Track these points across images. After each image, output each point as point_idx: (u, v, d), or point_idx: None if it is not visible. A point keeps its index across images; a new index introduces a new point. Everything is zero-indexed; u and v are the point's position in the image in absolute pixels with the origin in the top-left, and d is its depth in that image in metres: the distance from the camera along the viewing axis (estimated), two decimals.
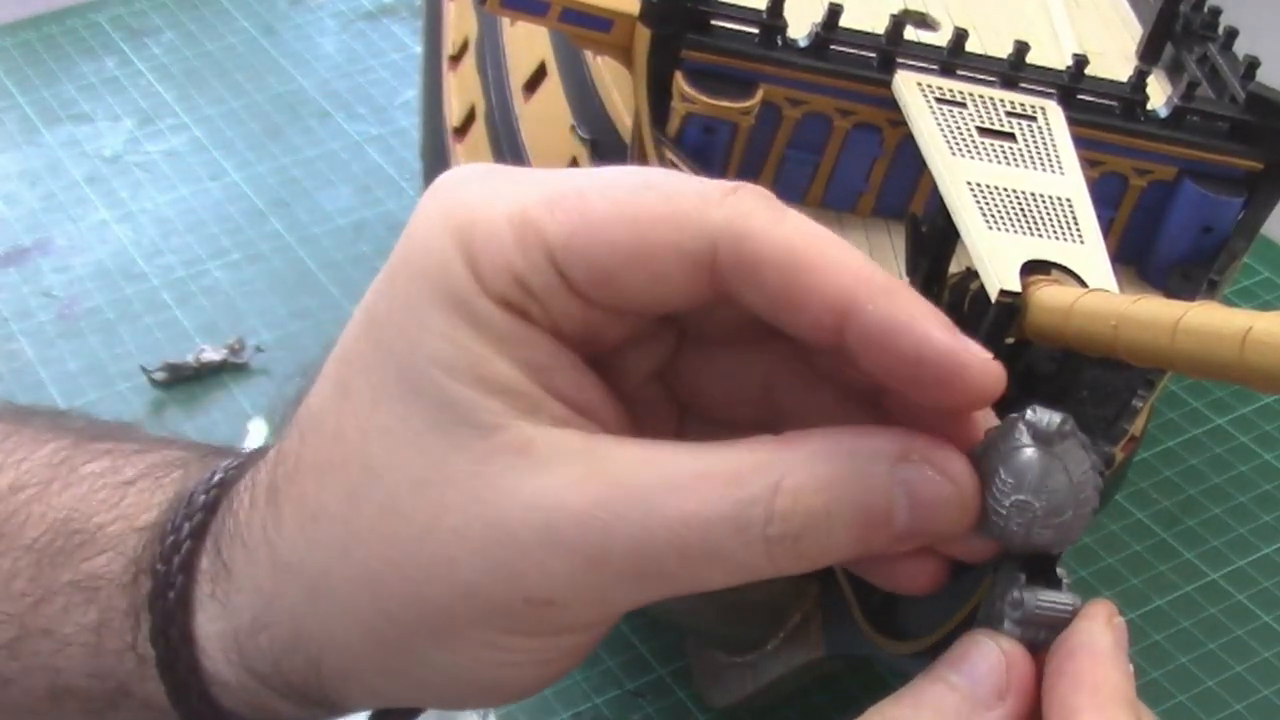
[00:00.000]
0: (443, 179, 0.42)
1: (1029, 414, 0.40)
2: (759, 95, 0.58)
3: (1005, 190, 0.52)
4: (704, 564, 0.39)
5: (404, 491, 0.40)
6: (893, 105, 0.58)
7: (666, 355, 0.43)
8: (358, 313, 0.43)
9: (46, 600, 0.46)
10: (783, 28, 0.59)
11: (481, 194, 0.41)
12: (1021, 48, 0.59)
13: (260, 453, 0.46)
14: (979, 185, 0.52)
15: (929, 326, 0.38)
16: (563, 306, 0.40)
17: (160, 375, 0.83)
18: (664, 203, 0.39)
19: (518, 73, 0.73)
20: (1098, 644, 0.39)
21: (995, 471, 0.40)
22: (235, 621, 0.43)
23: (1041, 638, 0.40)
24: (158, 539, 0.45)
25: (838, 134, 0.60)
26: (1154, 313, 0.38)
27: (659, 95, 0.58)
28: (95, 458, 0.48)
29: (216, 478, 0.46)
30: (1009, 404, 0.45)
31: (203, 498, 0.45)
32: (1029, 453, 0.40)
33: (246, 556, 0.43)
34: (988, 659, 0.40)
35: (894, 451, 0.39)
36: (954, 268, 0.53)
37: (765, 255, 0.39)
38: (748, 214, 0.39)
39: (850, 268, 0.39)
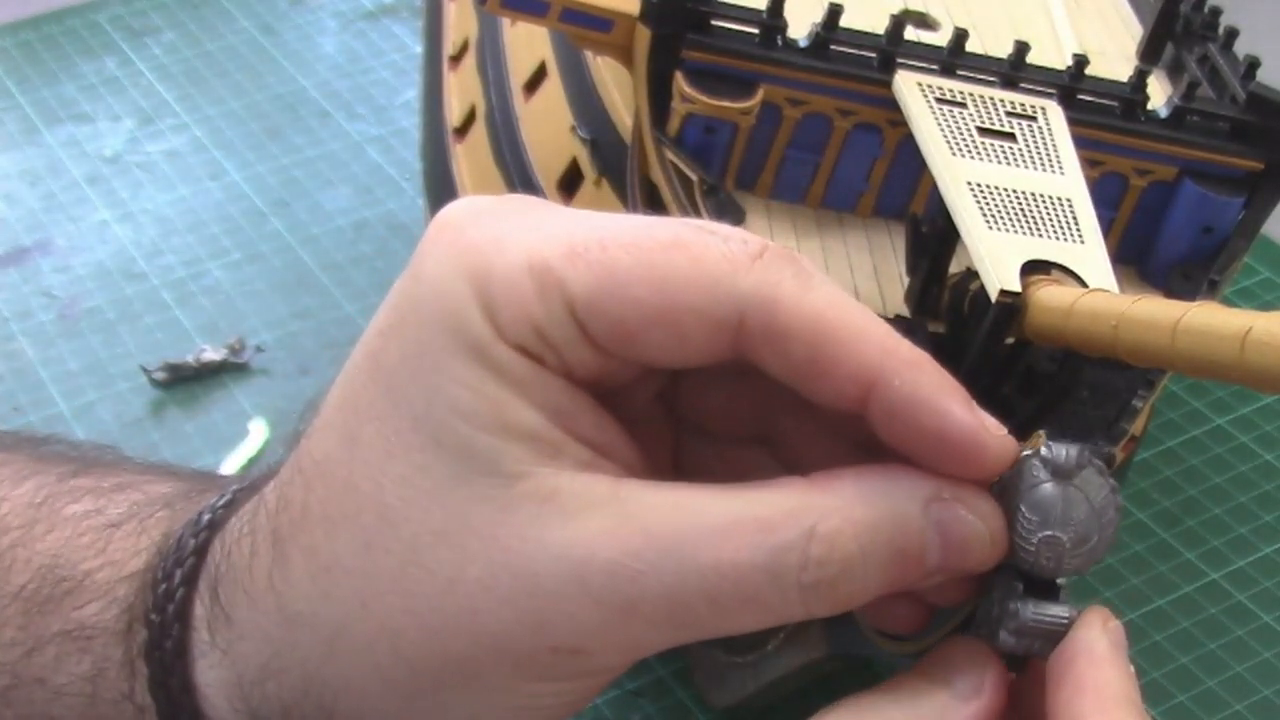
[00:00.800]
0: (447, 215, 0.41)
1: (1044, 450, 0.40)
2: (759, 95, 0.58)
3: (1005, 190, 0.52)
4: (736, 610, 0.39)
5: (424, 543, 0.39)
6: (893, 105, 0.58)
7: (667, 380, 0.43)
8: (361, 357, 0.41)
9: (38, 650, 0.45)
10: (783, 28, 0.59)
11: (495, 236, 0.40)
12: (1021, 48, 0.59)
13: (248, 490, 0.45)
14: (979, 185, 0.52)
15: (952, 405, 0.39)
16: (579, 356, 0.39)
17: (160, 375, 0.83)
18: (692, 265, 0.39)
19: (518, 73, 0.73)
20: (1096, 648, 0.39)
21: (1017, 509, 0.40)
22: (239, 669, 0.43)
23: (1037, 648, 0.40)
24: (149, 586, 0.44)
25: (838, 134, 0.60)
26: (1154, 313, 0.38)
27: (659, 95, 0.58)
28: (78, 498, 0.47)
29: (205, 519, 0.45)
30: (1007, 404, 0.45)
31: (192, 542, 0.44)
32: (1049, 488, 0.40)
33: (250, 604, 0.42)
34: (968, 656, 0.40)
35: (926, 492, 0.39)
36: (954, 268, 0.53)
37: (793, 326, 0.39)
38: (776, 282, 0.39)
39: (877, 340, 0.39)
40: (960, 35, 0.59)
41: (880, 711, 0.40)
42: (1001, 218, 0.50)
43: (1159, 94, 0.63)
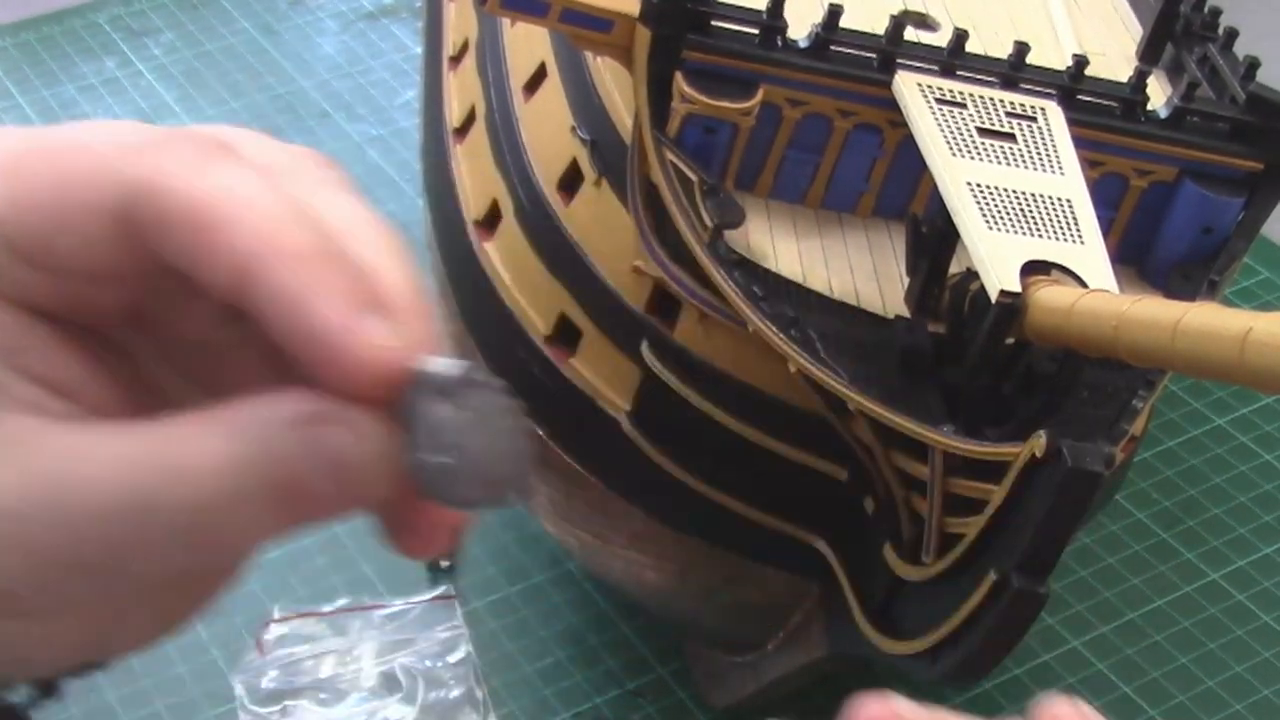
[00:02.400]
0: None
1: (426, 367, 0.35)
2: (759, 96, 0.58)
3: (1005, 190, 0.52)
4: (129, 555, 0.37)
5: None
6: (893, 106, 0.58)
7: (139, 299, 0.40)
8: None
9: None
10: (783, 28, 0.59)
11: None
12: (1021, 48, 0.60)
13: None
14: (979, 185, 0.52)
15: (317, 301, 0.35)
16: (22, 277, 0.38)
17: None
18: (88, 159, 0.37)
19: (518, 73, 0.73)
20: None
21: (412, 431, 0.36)
22: None
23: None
24: None
25: (838, 134, 0.60)
26: (1154, 313, 0.38)
27: (659, 95, 0.58)
28: None
29: None
30: (1007, 404, 0.45)
31: None
32: (438, 409, 0.36)
33: None
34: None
35: (299, 417, 0.37)
36: (954, 268, 0.53)
37: (172, 212, 0.36)
38: (168, 169, 0.37)
39: (257, 230, 0.36)
40: (960, 36, 0.59)
41: None
42: (1001, 218, 0.50)
43: (1159, 94, 0.63)
